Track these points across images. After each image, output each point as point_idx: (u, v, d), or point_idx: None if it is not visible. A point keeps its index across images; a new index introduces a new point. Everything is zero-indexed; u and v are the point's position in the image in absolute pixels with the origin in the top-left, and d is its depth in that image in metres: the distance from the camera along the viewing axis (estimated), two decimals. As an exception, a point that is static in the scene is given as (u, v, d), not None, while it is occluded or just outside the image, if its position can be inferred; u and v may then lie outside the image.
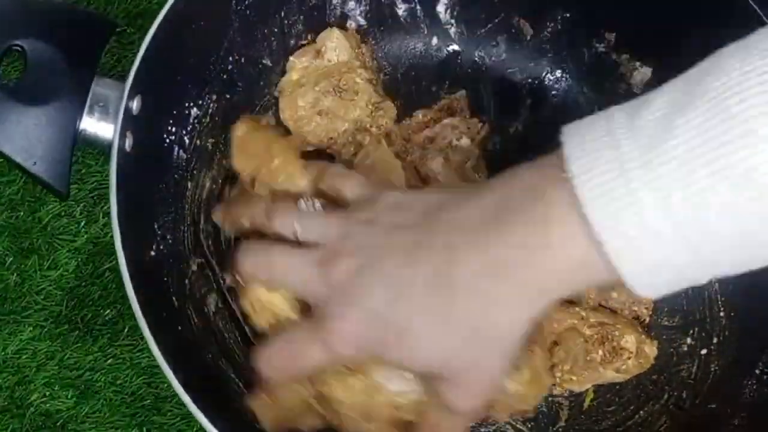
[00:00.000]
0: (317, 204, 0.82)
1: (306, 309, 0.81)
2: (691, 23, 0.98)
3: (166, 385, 1.01)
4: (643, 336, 0.98)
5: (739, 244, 0.63)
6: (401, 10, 1.06)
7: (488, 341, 0.73)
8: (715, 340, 1.00)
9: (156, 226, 0.93)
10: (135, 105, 0.87)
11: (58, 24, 0.88)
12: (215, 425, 0.80)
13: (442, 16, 1.06)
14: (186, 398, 0.80)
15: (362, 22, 1.06)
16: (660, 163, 0.62)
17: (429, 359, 0.74)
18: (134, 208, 0.86)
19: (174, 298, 0.92)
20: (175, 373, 0.80)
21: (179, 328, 0.91)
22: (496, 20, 1.06)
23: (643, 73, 1.04)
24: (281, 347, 0.79)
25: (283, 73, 1.03)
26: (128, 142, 0.87)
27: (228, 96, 1.00)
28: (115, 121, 0.86)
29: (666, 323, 1.02)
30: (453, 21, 1.06)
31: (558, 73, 1.07)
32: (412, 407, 0.80)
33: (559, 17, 1.04)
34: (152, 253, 0.92)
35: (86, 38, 0.89)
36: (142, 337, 0.98)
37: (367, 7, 1.05)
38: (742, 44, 0.65)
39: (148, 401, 1.01)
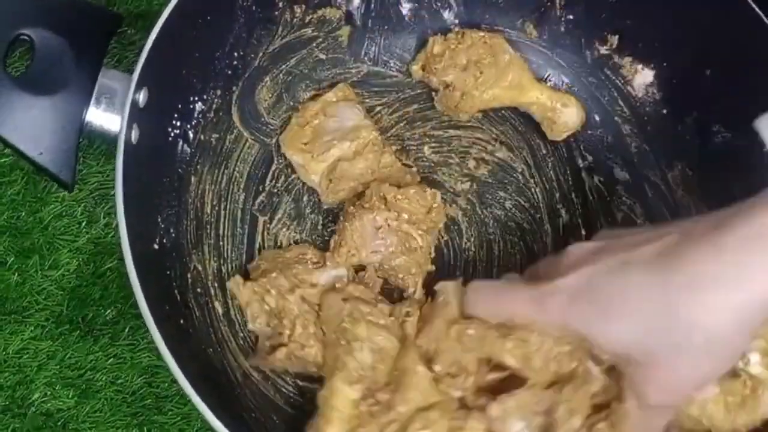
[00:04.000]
0: None
1: None
2: (693, 27, 0.99)
3: (166, 384, 1.01)
4: None
5: None
6: (405, 9, 1.06)
7: (700, 336, 0.73)
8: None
9: (159, 220, 0.93)
10: (141, 97, 0.87)
11: (65, 15, 0.88)
12: (216, 415, 0.80)
13: (446, 15, 1.07)
14: (188, 388, 0.80)
15: (366, 20, 1.07)
16: None
17: (630, 338, 0.75)
18: (138, 201, 0.87)
19: (176, 292, 0.93)
20: (177, 364, 0.80)
21: (181, 321, 0.91)
22: (500, 22, 1.07)
23: (644, 75, 1.05)
24: (497, 288, 0.84)
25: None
26: (134, 135, 0.87)
27: (233, 91, 1.01)
28: (121, 113, 0.86)
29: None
30: (456, 21, 1.07)
31: (560, 74, 1.08)
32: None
33: (563, 19, 1.05)
34: (155, 246, 0.92)
35: (94, 29, 0.89)
36: (143, 337, 0.99)
37: (372, 6, 1.06)
38: None
39: (149, 401, 1.00)
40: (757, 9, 0.95)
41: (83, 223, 1.04)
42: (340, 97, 1.03)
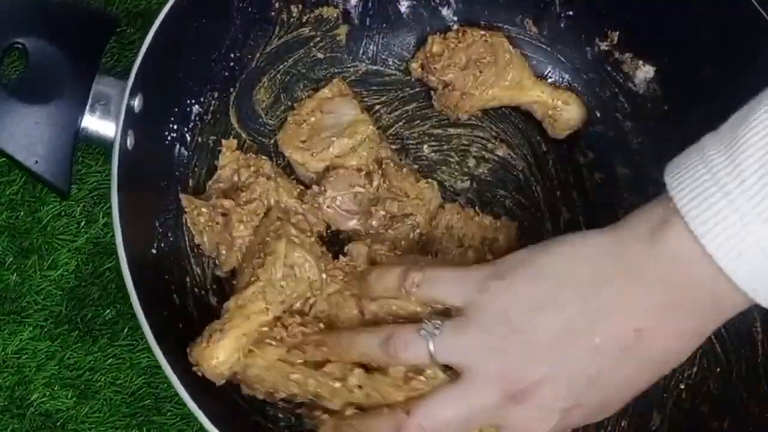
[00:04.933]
0: (438, 322, 0.80)
1: None
2: (694, 22, 0.98)
3: (166, 385, 1.01)
4: None
5: None
6: (404, 6, 1.06)
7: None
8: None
9: (157, 224, 0.93)
10: (137, 103, 0.87)
11: (59, 22, 0.88)
12: (215, 424, 0.80)
13: (444, 13, 1.06)
14: (186, 397, 0.80)
15: (364, 18, 1.06)
16: None
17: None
18: (135, 206, 0.86)
19: (175, 296, 0.93)
20: (175, 371, 0.80)
21: (180, 326, 0.91)
22: (499, 19, 1.06)
23: (645, 71, 1.04)
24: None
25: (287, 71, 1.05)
26: (130, 140, 0.87)
27: (230, 93, 1.01)
28: (116, 120, 0.86)
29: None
30: (455, 18, 1.06)
31: (560, 71, 1.07)
32: None
33: (563, 15, 1.04)
34: (153, 251, 0.92)
35: (87, 36, 0.89)
36: (142, 337, 0.98)
37: (370, 4, 1.05)
38: None
39: (148, 401, 1.00)
40: (758, 6, 0.94)
41: (82, 223, 1.04)
42: (336, 92, 1.03)
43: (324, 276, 0.90)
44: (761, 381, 0.96)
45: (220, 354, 0.84)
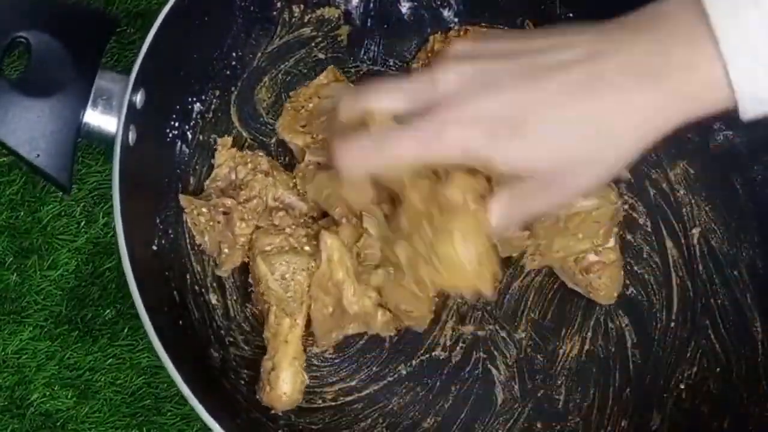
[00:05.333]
0: None
1: None
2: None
3: (166, 385, 1.01)
4: None
5: None
6: (405, 8, 1.06)
7: (609, 139, 0.72)
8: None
9: (158, 221, 0.93)
10: (138, 99, 0.87)
11: (62, 17, 0.88)
12: (215, 419, 0.80)
13: (445, 14, 1.06)
14: (187, 392, 0.80)
15: (365, 19, 1.06)
16: None
17: (539, 157, 0.72)
18: (136, 203, 0.86)
19: (175, 292, 0.93)
20: (176, 367, 0.80)
21: (180, 322, 0.91)
22: (500, 21, 1.06)
23: (645, 73, 1.04)
24: (367, 140, 0.76)
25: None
26: (131, 136, 0.87)
27: (231, 92, 1.01)
28: (118, 115, 0.86)
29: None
30: (456, 19, 1.06)
31: (560, 73, 1.07)
32: None
33: (563, 17, 1.04)
34: (154, 247, 0.92)
35: (90, 31, 0.89)
36: (142, 337, 0.98)
37: (371, 5, 1.05)
38: None
39: (148, 401, 1.00)
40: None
41: (82, 223, 1.04)
42: (331, 79, 1.03)
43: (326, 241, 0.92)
44: (761, 381, 0.96)
45: (285, 389, 0.90)
